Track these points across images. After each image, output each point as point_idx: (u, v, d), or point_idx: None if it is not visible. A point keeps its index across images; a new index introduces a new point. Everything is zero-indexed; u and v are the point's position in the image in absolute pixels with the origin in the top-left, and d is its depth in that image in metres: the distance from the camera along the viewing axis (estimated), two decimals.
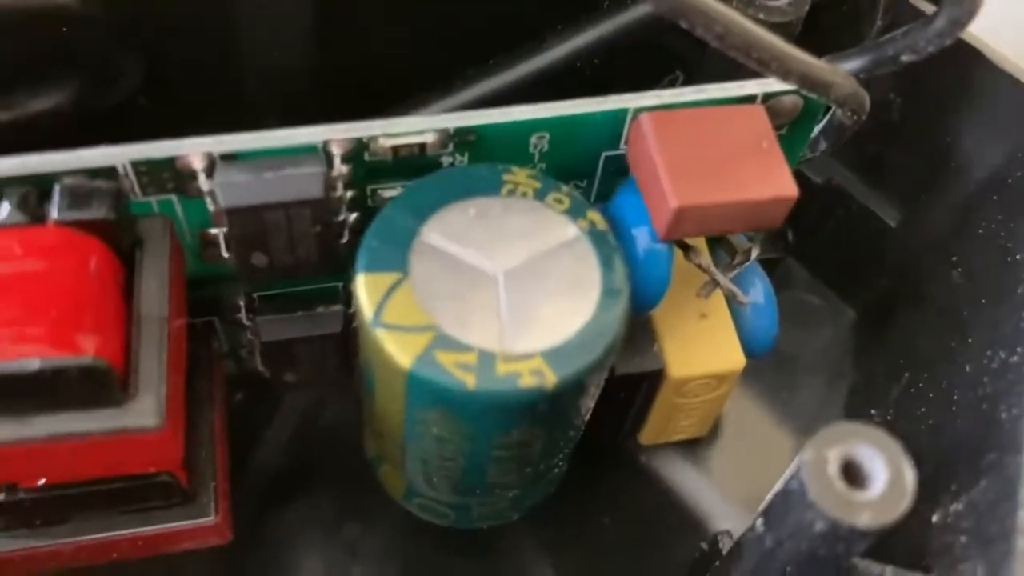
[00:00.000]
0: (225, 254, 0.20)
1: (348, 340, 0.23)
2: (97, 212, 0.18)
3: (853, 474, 0.16)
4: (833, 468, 0.16)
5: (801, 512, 0.16)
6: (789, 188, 0.19)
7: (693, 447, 0.27)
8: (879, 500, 0.16)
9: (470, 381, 0.18)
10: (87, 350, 0.17)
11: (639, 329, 0.22)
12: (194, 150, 0.19)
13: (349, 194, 0.20)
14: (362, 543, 0.26)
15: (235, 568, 0.26)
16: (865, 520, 0.16)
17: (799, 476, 0.16)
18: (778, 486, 0.17)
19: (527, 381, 0.18)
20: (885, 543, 0.18)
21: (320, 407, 0.28)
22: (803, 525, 0.16)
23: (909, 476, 0.16)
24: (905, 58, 0.20)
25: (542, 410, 0.18)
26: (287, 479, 0.27)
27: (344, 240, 0.21)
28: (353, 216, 0.21)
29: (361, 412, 0.25)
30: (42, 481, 0.19)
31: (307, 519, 0.27)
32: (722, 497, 0.26)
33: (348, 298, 0.23)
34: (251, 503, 0.26)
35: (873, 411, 0.24)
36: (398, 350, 0.18)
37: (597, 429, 0.23)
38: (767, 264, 0.24)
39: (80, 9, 0.23)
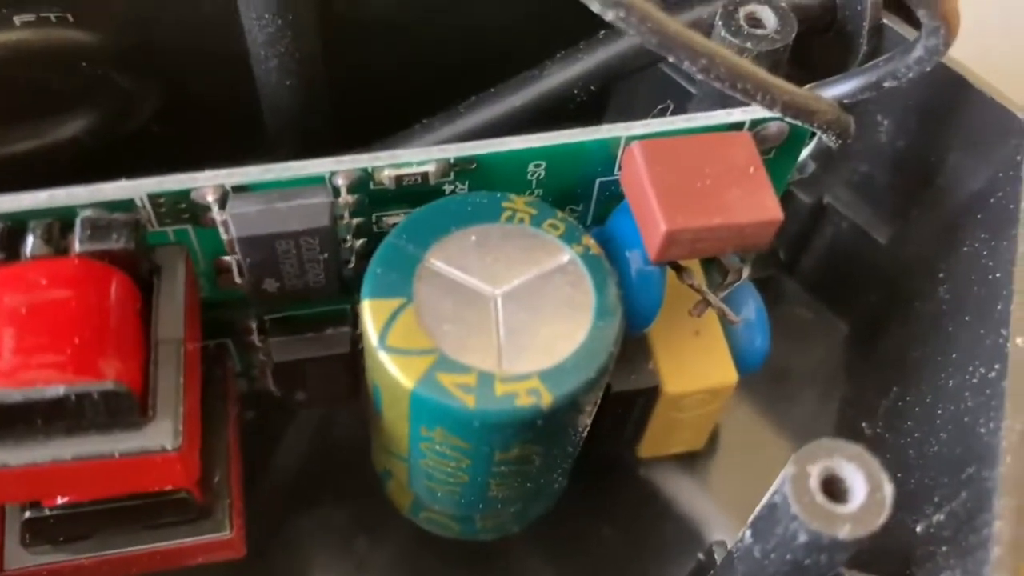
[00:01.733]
0: (238, 280, 0.21)
1: (356, 360, 0.24)
2: (117, 243, 0.19)
3: (834, 488, 0.17)
4: (815, 482, 0.17)
5: (785, 524, 0.17)
6: (775, 212, 0.20)
7: (690, 460, 0.28)
8: (859, 513, 0.17)
9: (470, 401, 0.18)
10: (108, 375, 0.18)
11: (635, 347, 0.23)
12: (208, 183, 0.20)
13: (355, 221, 0.21)
14: (371, 556, 0.27)
15: None
16: (845, 532, 0.16)
17: (783, 490, 0.17)
18: (764, 499, 0.18)
19: (524, 400, 0.19)
20: (871, 552, 0.19)
21: (330, 425, 0.29)
22: (787, 537, 0.17)
23: (887, 490, 0.17)
24: (887, 84, 0.21)
25: (539, 427, 0.19)
26: (298, 494, 0.28)
27: (351, 265, 0.22)
28: (359, 242, 0.22)
29: (369, 430, 0.26)
30: (63, 500, 0.20)
31: (317, 533, 0.27)
32: (718, 508, 0.27)
33: (356, 320, 0.24)
34: (263, 518, 0.27)
35: (864, 424, 0.25)
36: (401, 372, 0.19)
37: (596, 443, 0.24)
38: (760, 281, 0.25)
39: (97, 43, 0.24)
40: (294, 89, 0.25)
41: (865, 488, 0.17)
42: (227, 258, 0.21)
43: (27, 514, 0.20)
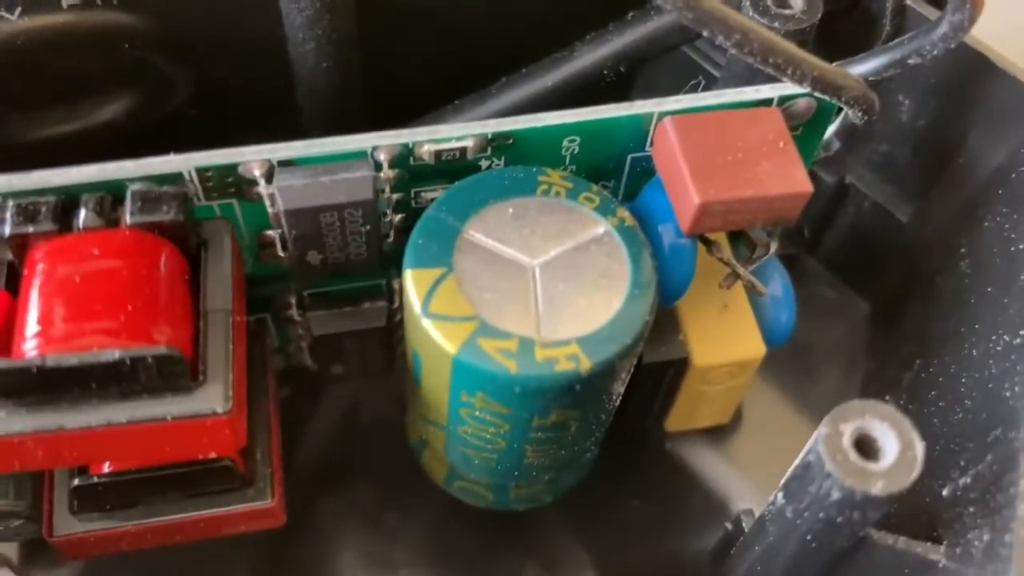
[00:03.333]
0: (281, 254, 0.22)
1: (391, 334, 0.25)
2: (166, 215, 0.20)
3: (866, 447, 0.18)
4: (848, 441, 0.18)
5: (819, 482, 0.18)
6: (804, 184, 0.20)
7: (716, 434, 0.28)
8: (891, 470, 0.17)
9: (512, 366, 0.19)
10: (161, 340, 0.19)
11: (664, 320, 0.24)
12: (255, 157, 0.20)
13: (395, 196, 0.22)
14: (401, 530, 0.28)
15: (282, 553, 0.27)
16: (878, 488, 0.17)
17: (816, 449, 0.18)
18: (797, 460, 0.19)
19: (564, 366, 0.19)
20: (899, 516, 0.20)
21: (361, 401, 0.29)
22: (821, 495, 0.18)
23: (918, 448, 0.17)
24: (912, 61, 0.22)
25: (577, 393, 0.20)
26: (331, 469, 0.28)
27: (390, 239, 0.22)
28: (398, 217, 0.22)
29: (403, 403, 0.26)
30: (109, 467, 0.21)
31: (348, 508, 0.28)
32: (744, 480, 0.28)
33: (392, 294, 0.24)
34: (295, 494, 0.27)
35: (887, 397, 0.26)
36: (444, 338, 0.19)
37: (626, 416, 0.25)
38: (784, 259, 0.25)
39: (139, 26, 0.25)
40: (330, 71, 0.25)
41: (897, 446, 0.17)
42: (270, 232, 0.22)
43: (76, 481, 0.21)
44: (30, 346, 0.19)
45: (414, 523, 0.28)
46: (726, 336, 0.24)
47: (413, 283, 0.20)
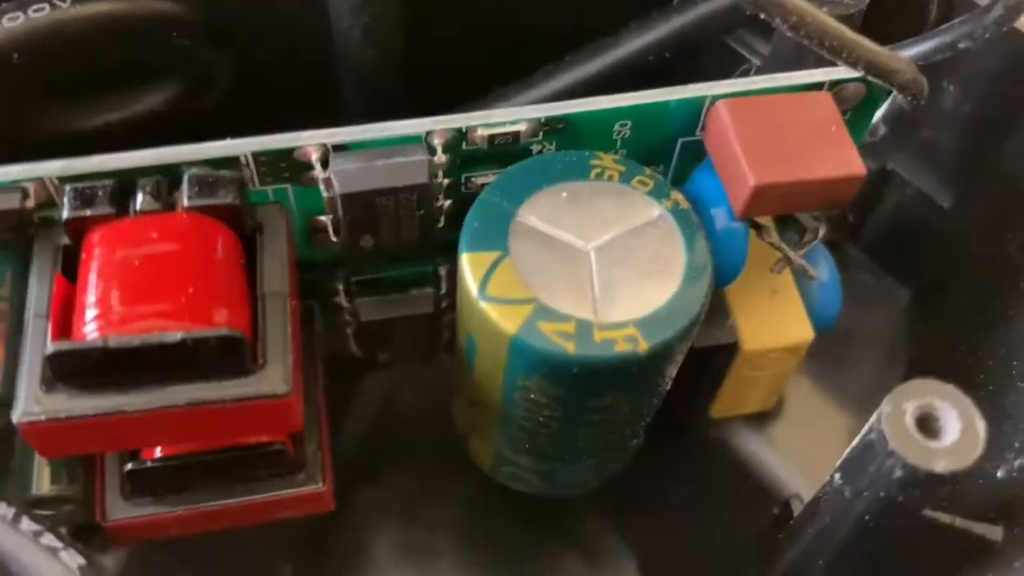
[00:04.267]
0: (333, 238, 0.22)
1: (437, 321, 0.25)
2: (224, 198, 0.20)
3: (929, 426, 0.18)
4: (910, 420, 0.18)
5: (880, 461, 0.18)
6: (858, 167, 0.20)
7: (759, 420, 0.28)
8: (954, 448, 0.17)
9: (570, 347, 0.19)
10: (222, 323, 0.19)
11: (713, 304, 0.24)
12: (310, 141, 0.20)
13: (446, 182, 0.22)
14: (443, 517, 0.28)
15: (323, 540, 0.27)
16: (941, 466, 0.17)
17: (879, 427, 0.18)
18: (857, 439, 0.19)
19: (622, 347, 0.19)
20: (952, 498, 0.20)
21: (403, 388, 0.29)
22: (882, 473, 0.18)
23: (980, 426, 0.17)
24: (962, 45, 0.22)
25: (633, 375, 0.20)
26: (373, 456, 0.29)
27: (440, 224, 0.22)
28: (448, 203, 0.22)
29: (446, 391, 0.26)
30: (161, 452, 0.21)
31: (391, 493, 0.28)
32: (787, 466, 0.28)
33: (439, 281, 0.25)
34: (339, 478, 0.28)
35: None
36: (502, 320, 0.19)
37: (671, 404, 0.25)
38: (828, 246, 0.25)
39: (184, 14, 0.25)
40: (374, 58, 0.26)
41: (959, 425, 0.17)
42: (323, 217, 0.22)
43: (129, 465, 0.21)
44: (90, 328, 0.19)
45: (455, 511, 0.28)
46: (775, 321, 0.24)
47: (470, 266, 0.20)
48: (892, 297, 0.31)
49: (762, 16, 0.19)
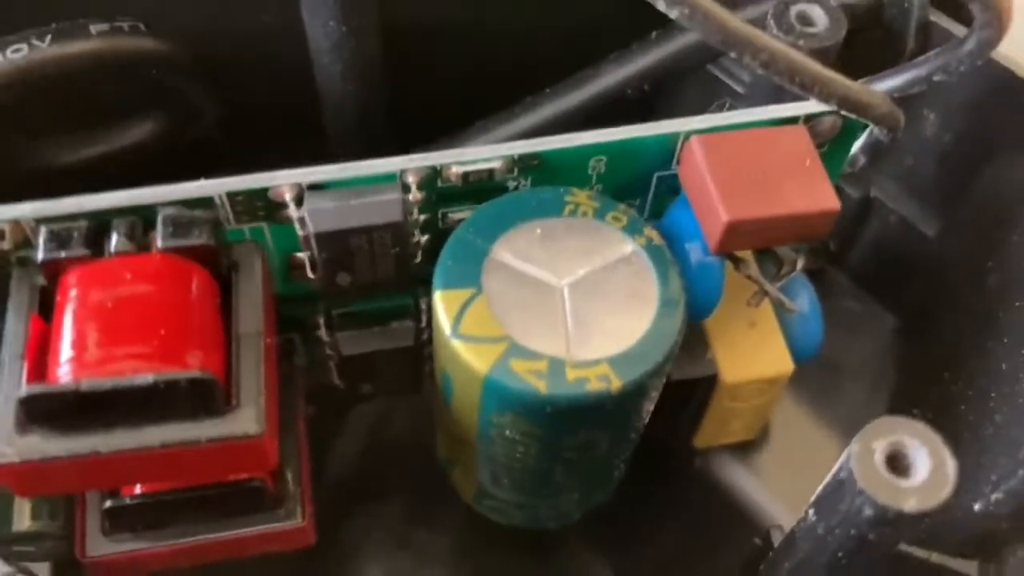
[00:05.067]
0: (311, 275, 0.22)
1: (419, 353, 0.25)
2: (198, 239, 0.20)
3: (898, 464, 0.18)
4: (879, 458, 0.18)
5: (851, 500, 0.18)
6: (832, 201, 0.20)
7: (744, 450, 0.28)
8: (923, 487, 0.17)
9: (542, 386, 0.19)
10: (194, 364, 0.19)
11: (693, 338, 0.24)
12: (285, 180, 0.20)
13: (422, 217, 0.22)
14: (430, 548, 0.28)
15: (310, 572, 0.27)
16: (911, 505, 0.17)
17: (848, 466, 0.18)
18: (828, 477, 0.19)
19: (595, 385, 0.19)
20: (930, 532, 0.20)
21: (389, 419, 0.29)
22: (852, 512, 0.18)
23: (951, 465, 0.17)
24: (937, 78, 0.22)
25: (608, 412, 0.20)
26: (359, 487, 0.29)
27: (418, 260, 0.23)
28: (425, 238, 0.22)
29: (431, 421, 0.26)
30: (141, 488, 0.21)
31: (378, 525, 0.28)
32: (772, 496, 0.28)
33: (419, 314, 0.25)
34: (325, 510, 0.28)
35: (915, 411, 0.26)
36: (475, 359, 0.19)
37: (654, 434, 0.25)
38: (810, 274, 0.25)
39: (166, 51, 0.25)
40: (356, 93, 0.26)
41: (929, 463, 0.17)
42: (300, 254, 0.22)
43: (108, 503, 0.21)
44: (64, 371, 0.19)
45: (442, 542, 0.28)
46: (754, 353, 0.24)
47: (443, 304, 0.20)
48: (878, 324, 0.31)
49: (732, 55, 0.19)
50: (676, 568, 0.27)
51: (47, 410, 0.18)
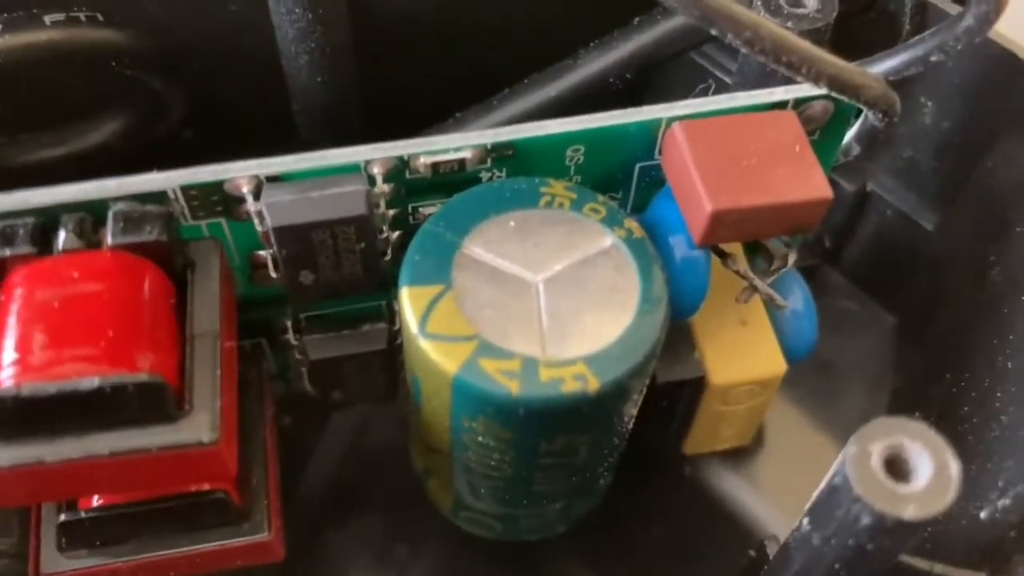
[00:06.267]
0: (274, 275, 0.21)
1: (393, 357, 0.24)
2: (150, 235, 0.19)
3: (897, 468, 0.16)
4: (877, 462, 0.16)
5: (847, 507, 0.16)
6: (823, 190, 0.19)
7: (737, 456, 0.27)
8: (924, 492, 0.16)
9: (514, 387, 0.18)
10: (143, 367, 0.18)
11: (679, 337, 0.23)
12: (241, 173, 0.19)
13: (391, 212, 0.21)
14: (411, 563, 0.27)
15: None
16: (911, 512, 0.16)
17: (843, 471, 0.16)
18: (823, 483, 0.17)
19: (570, 386, 0.18)
20: (935, 541, 0.18)
21: (366, 429, 0.28)
22: (849, 520, 0.17)
23: (954, 469, 0.16)
24: (934, 58, 0.20)
25: (585, 415, 0.19)
26: (336, 500, 0.28)
27: (387, 257, 0.21)
28: (395, 234, 0.21)
29: (407, 430, 0.25)
30: (98, 501, 0.20)
31: (357, 538, 0.27)
32: (768, 505, 0.27)
33: (392, 316, 0.23)
34: (301, 525, 0.27)
35: (917, 413, 0.24)
36: (443, 358, 0.18)
37: (642, 440, 0.24)
38: (805, 271, 0.24)
39: (126, 42, 0.24)
40: (325, 85, 0.25)
41: (930, 467, 0.16)
42: (263, 253, 0.21)
43: (62, 517, 0.20)
44: (6, 375, 0.18)
45: (423, 555, 0.27)
46: (744, 353, 0.23)
47: (409, 301, 0.19)
48: (876, 323, 0.29)
49: (713, 32, 0.18)
50: None
51: None
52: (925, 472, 0.16)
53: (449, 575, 0.27)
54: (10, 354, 0.18)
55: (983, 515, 0.19)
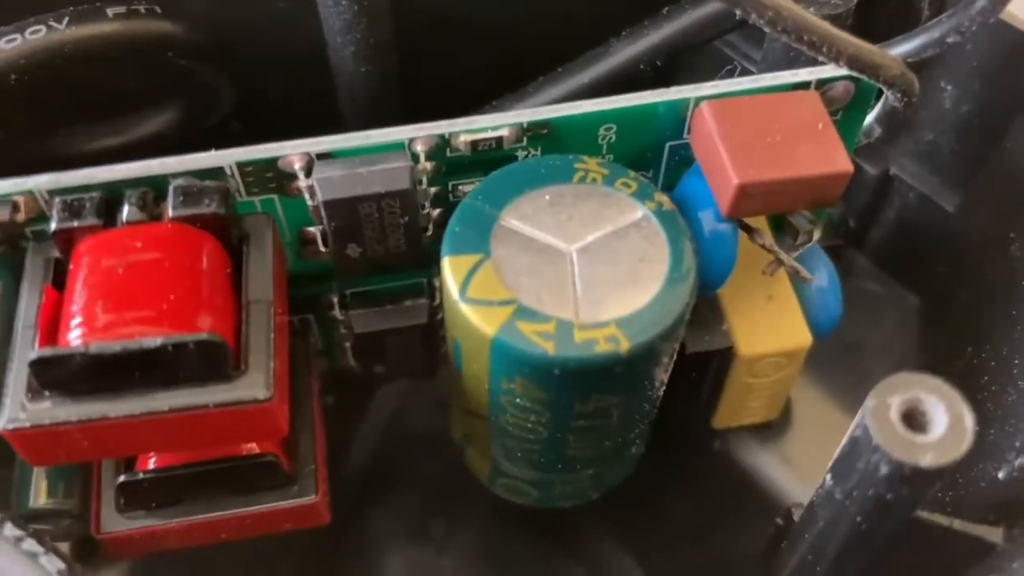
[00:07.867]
0: (323, 249, 0.22)
1: (433, 332, 0.25)
2: (208, 207, 0.20)
3: (915, 420, 0.17)
4: (895, 414, 0.17)
5: (867, 458, 0.17)
6: (844, 164, 0.20)
7: (764, 431, 0.28)
8: (940, 441, 0.17)
9: (550, 348, 0.19)
10: (203, 328, 0.19)
11: (708, 309, 0.24)
12: (294, 150, 0.21)
13: (433, 190, 0.22)
14: (448, 535, 0.28)
15: (329, 559, 0.27)
16: (928, 460, 0.17)
17: (863, 423, 0.17)
18: (845, 438, 0.18)
19: (603, 347, 0.19)
20: (955, 500, 0.19)
21: (406, 406, 0.29)
22: (869, 471, 0.17)
23: (968, 419, 0.17)
24: (951, 40, 0.21)
25: (617, 376, 0.20)
26: (377, 474, 0.28)
27: (429, 233, 0.23)
28: (436, 211, 0.22)
29: (448, 400, 0.26)
30: (154, 463, 0.21)
31: (396, 512, 0.28)
32: (794, 479, 0.27)
33: (433, 292, 0.25)
34: (344, 497, 0.27)
35: None
36: (482, 321, 0.19)
37: (672, 415, 0.24)
38: (830, 251, 0.25)
39: (182, 35, 0.25)
40: (369, 75, 0.26)
41: (946, 418, 0.17)
42: (312, 228, 0.22)
43: (121, 478, 0.21)
44: (74, 335, 0.19)
45: (460, 528, 0.28)
46: (771, 326, 0.24)
47: (451, 269, 0.20)
48: (900, 304, 0.30)
49: (738, 13, 0.19)
50: (696, 550, 0.26)
51: (57, 375, 0.18)
52: (941, 423, 0.17)
53: (485, 548, 0.28)
54: (78, 317, 0.19)
55: (1001, 474, 0.20)
